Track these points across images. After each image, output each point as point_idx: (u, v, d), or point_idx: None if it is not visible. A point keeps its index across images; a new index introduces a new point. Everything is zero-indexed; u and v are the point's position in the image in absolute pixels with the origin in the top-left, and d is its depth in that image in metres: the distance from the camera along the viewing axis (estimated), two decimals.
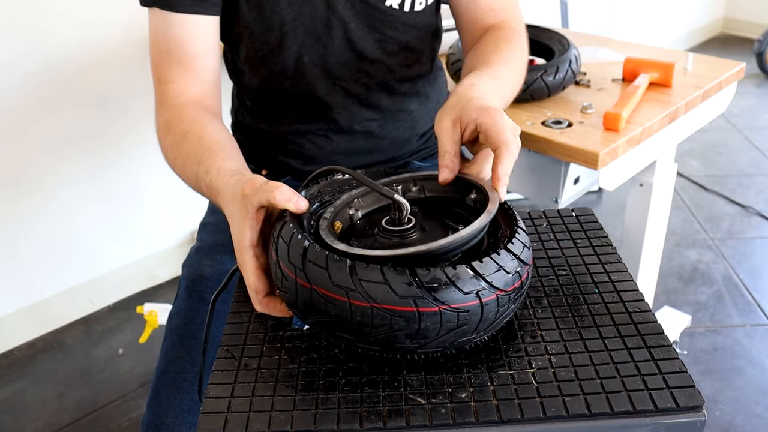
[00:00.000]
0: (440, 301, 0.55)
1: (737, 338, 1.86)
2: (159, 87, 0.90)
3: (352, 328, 0.57)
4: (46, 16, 1.74)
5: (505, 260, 0.58)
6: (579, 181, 1.22)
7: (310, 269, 0.57)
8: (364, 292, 0.55)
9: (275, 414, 0.55)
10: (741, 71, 1.38)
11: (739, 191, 2.59)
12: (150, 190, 2.09)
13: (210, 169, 0.76)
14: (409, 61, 1.01)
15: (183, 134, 0.83)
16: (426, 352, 0.59)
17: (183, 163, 0.82)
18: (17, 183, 1.84)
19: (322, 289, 0.57)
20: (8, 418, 1.72)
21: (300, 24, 0.93)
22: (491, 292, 0.57)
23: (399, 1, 0.95)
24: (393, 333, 0.56)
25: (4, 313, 1.93)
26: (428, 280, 0.54)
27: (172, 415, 0.81)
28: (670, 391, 0.55)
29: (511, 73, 0.89)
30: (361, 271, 0.55)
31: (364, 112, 1.02)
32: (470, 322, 0.56)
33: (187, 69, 0.89)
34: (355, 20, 0.94)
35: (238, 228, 0.67)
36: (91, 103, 1.90)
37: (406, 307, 0.54)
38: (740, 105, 3.25)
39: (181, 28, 0.88)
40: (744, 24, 4.25)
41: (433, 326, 0.55)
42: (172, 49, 0.88)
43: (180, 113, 0.86)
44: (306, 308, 0.59)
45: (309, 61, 0.96)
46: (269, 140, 1.06)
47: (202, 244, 1.03)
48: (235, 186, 0.68)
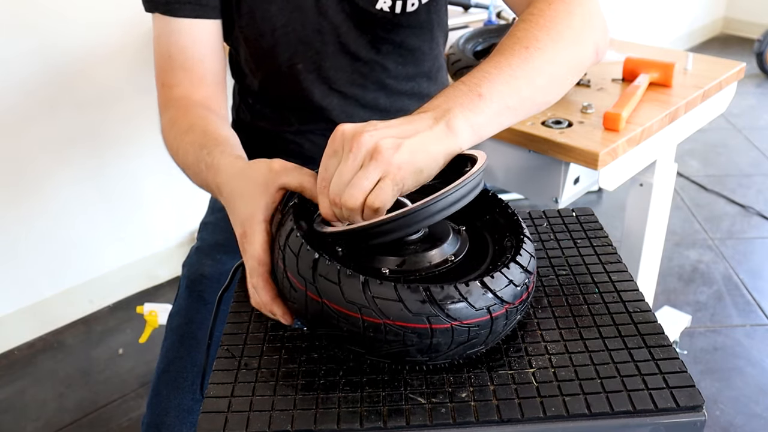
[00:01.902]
0: (453, 318, 0.55)
1: (737, 338, 1.86)
2: (163, 91, 0.90)
3: (364, 343, 0.57)
4: (47, 16, 1.74)
5: (514, 273, 0.58)
6: (579, 181, 1.22)
7: (321, 283, 0.56)
8: (377, 309, 0.54)
9: (275, 413, 0.55)
10: (741, 71, 1.38)
11: (739, 191, 2.59)
12: (150, 190, 2.09)
13: (213, 151, 0.75)
14: (405, 59, 1.01)
15: (188, 126, 0.83)
16: (435, 364, 0.59)
17: (185, 151, 0.81)
18: (17, 183, 1.85)
19: (334, 304, 0.56)
20: (8, 418, 1.73)
21: (291, 30, 0.93)
22: (501, 306, 0.57)
23: (390, 5, 0.94)
24: (405, 348, 0.56)
25: (4, 313, 1.93)
26: (441, 297, 0.54)
27: (172, 414, 0.81)
28: (670, 390, 0.55)
29: (524, 51, 0.68)
30: (374, 288, 0.54)
31: (362, 113, 1.02)
32: (480, 335, 0.57)
33: (191, 73, 0.89)
34: (346, 23, 0.94)
35: (250, 201, 0.64)
36: (91, 103, 1.90)
37: (420, 324, 0.54)
38: (740, 105, 3.25)
39: (183, 33, 0.88)
40: (744, 24, 4.25)
41: (444, 342, 0.55)
42: (174, 54, 0.88)
43: (186, 111, 0.86)
44: (316, 320, 0.59)
45: (303, 68, 0.96)
46: (269, 139, 1.06)
47: (203, 243, 1.03)
48: (246, 166, 0.67)
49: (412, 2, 0.95)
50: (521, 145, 1.18)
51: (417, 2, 0.95)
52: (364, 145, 0.56)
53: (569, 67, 0.72)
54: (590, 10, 0.74)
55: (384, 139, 0.57)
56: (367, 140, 0.56)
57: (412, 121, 0.60)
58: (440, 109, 0.61)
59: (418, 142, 0.58)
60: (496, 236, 0.67)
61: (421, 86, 1.05)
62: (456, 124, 0.60)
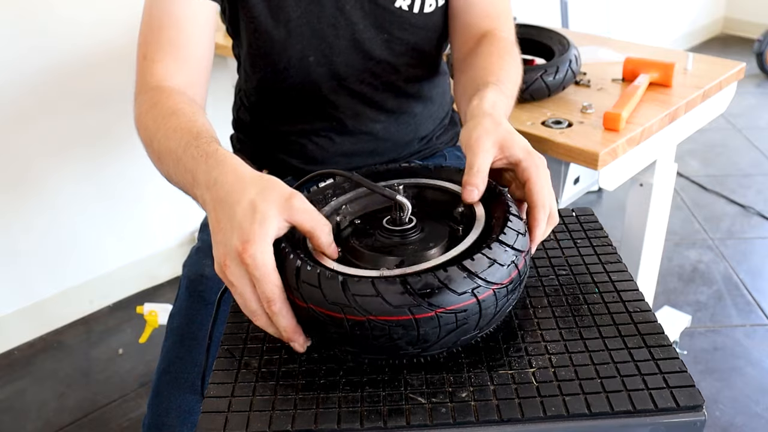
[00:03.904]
0: (435, 306, 0.54)
1: (737, 338, 1.86)
2: (143, 64, 0.85)
3: (354, 342, 0.57)
4: (47, 16, 1.75)
5: (497, 253, 0.57)
6: (579, 181, 1.22)
7: (304, 289, 0.57)
8: (359, 306, 0.54)
9: (276, 413, 0.55)
10: (741, 71, 1.38)
11: (739, 191, 2.59)
12: (150, 190, 2.09)
13: (210, 141, 0.68)
14: (415, 61, 1.01)
15: (172, 111, 0.76)
16: (431, 354, 0.59)
17: (166, 135, 0.73)
18: (17, 183, 1.85)
19: (319, 308, 0.56)
20: (8, 418, 1.73)
21: (306, 22, 0.92)
22: (487, 288, 0.56)
23: (408, 3, 0.94)
24: (393, 342, 0.56)
25: (4, 313, 1.93)
26: (420, 287, 0.54)
27: (173, 415, 0.81)
28: (670, 390, 0.55)
29: (516, 91, 0.89)
30: (353, 286, 0.55)
31: (369, 112, 1.01)
32: (470, 320, 0.56)
33: (177, 50, 0.84)
34: (363, 21, 0.94)
35: (257, 216, 0.57)
36: (91, 103, 1.90)
37: (402, 316, 0.54)
38: (740, 105, 3.25)
39: (181, 7, 0.84)
40: (744, 24, 4.25)
41: (432, 330, 0.55)
42: (165, 27, 0.84)
43: (169, 94, 0.80)
44: (305, 327, 0.59)
45: (314, 61, 0.95)
46: (270, 139, 1.06)
47: (203, 244, 1.03)
48: (259, 176, 0.61)
49: (430, 2, 0.95)
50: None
51: (435, 3, 0.96)
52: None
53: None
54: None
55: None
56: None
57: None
58: None
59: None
60: (486, 219, 0.66)
61: (426, 89, 1.06)
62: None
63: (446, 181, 0.73)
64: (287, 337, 0.60)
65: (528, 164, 0.66)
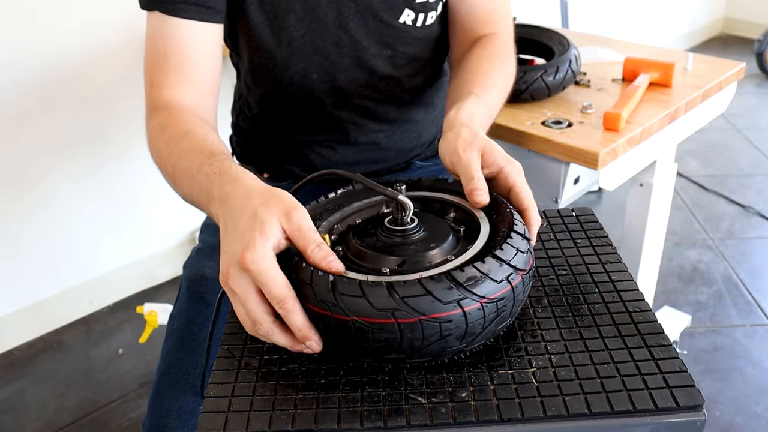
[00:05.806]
0: (419, 312, 0.54)
1: (737, 338, 1.86)
2: (151, 90, 0.86)
3: (346, 342, 0.58)
4: (47, 16, 1.74)
5: (492, 267, 0.57)
6: (579, 181, 1.22)
7: (301, 286, 0.58)
8: (344, 306, 0.55)
9: (276, 413, 0.55)
10: (741, 71, 1.38)
11: (739, 191, 2.59)
12: (150, 190, 2.09)
13: (224, 160, 0.69)
14: (417, 71, 1.00)
15: (183, 133, 0.77)
16: (418, 362, 0.59)
17: (179, 157, 0.74)
18: (17, 183, 1.85)
19: (311, 306, 0.57)
20: (8, 418, 1.73)
21: (309, 41, 0.91)
22: (474, 301, 0.55)
23: (413, 18, 0.94)
24: (377, 344, 0.56)
25: (4, 313, 1.93)
26: (405, 294, 0.54)
27: (173, 417, 0.80)
28: (670, 390, 0.55)
29: (501, 96, 0.91)
30: (341, 286, 0.56)
31: (372, 124, 1.01)
32: (455, 332, 0.56)
33: (185, 75, 0.85)
34: (367, 39, 0.93)
35: (258, 224, 0.58)
36: (91, 103, 1.90)
37: (385, 320, 0.54)
38: (740, 105, 3.25)
39: (183, 34, 0.84)
40: (744, 24, 4.25)
41: (415, 337, 0.55)
42: (171, 54, 0.84)
43: (178, 116, 0.82)
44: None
45: (318, 78, 0.95)
46: (271, 148, 1.05)
47: (204, 245, 1.03)
48: (267, 189, 0.61)
49: (431, 15, 0.95)
50: (521, 145, 1.18)
51: (435, 14, 0.96)
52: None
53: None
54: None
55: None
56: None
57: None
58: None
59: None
60: (492, 233, 0.66)
61: (428, 95, 1.05)
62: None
63: (445, 193, 0.74)
64: (302, 336, 0.58)
65: (510, 170, 0.69)
